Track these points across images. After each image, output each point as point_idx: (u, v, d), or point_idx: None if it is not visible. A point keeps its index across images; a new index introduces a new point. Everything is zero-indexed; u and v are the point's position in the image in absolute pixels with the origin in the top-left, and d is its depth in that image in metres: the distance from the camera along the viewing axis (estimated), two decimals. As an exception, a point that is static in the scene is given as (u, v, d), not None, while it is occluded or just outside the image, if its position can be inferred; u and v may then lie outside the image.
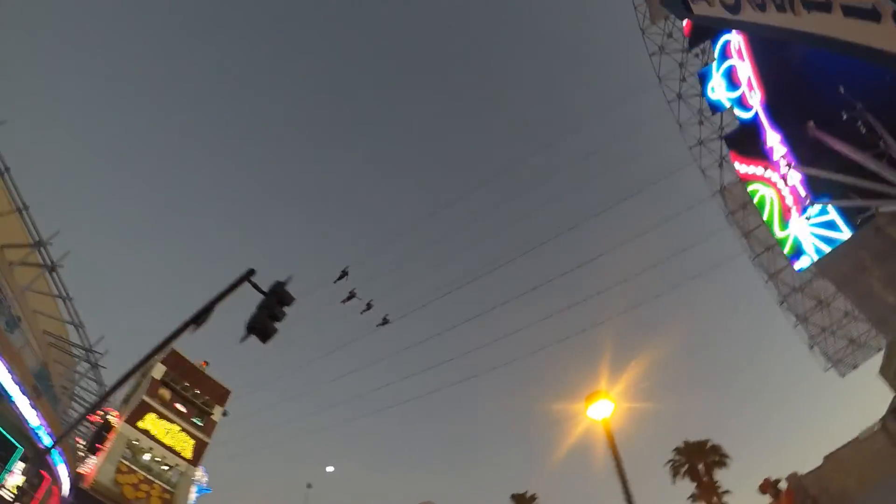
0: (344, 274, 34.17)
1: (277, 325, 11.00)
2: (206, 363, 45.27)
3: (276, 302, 10.83)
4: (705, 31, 22.72)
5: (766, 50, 22.25)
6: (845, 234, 23.70)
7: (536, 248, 32.25)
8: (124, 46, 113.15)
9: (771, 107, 23.35)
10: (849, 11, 7.82)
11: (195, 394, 42.00)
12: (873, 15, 7.34)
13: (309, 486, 45.66)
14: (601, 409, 8.65)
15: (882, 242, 24.75)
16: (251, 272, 11.05)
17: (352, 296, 33.70)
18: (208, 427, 41.98)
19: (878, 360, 27.02)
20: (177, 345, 43.11)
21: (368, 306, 33.76)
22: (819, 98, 22.06)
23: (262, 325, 10.62)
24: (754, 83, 23.26)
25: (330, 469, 60.82)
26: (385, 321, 33.81)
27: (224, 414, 43.55)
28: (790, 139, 22.92)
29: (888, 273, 24.73)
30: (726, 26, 12.43)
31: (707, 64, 24.20)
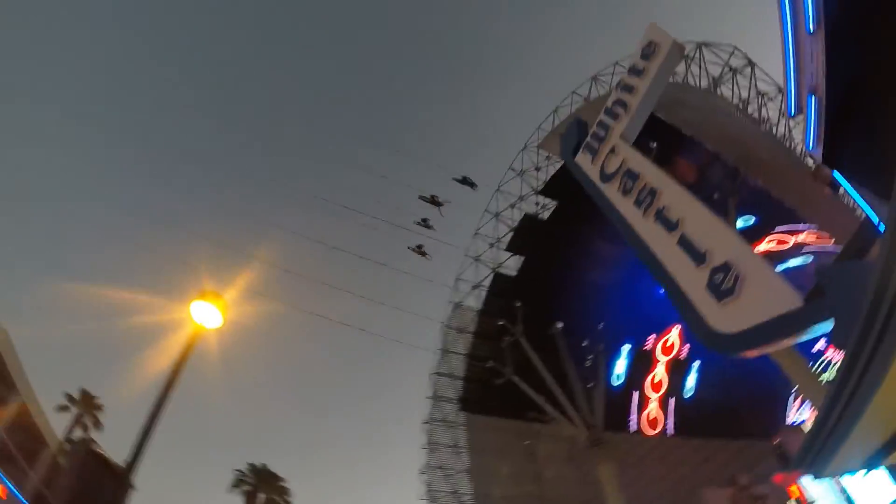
0: (467, 182, 27.62)
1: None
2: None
3: None
4: (561, 192, 23.45)
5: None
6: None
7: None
8: None
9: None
10: (683, 242, 7.77)
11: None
12: (699, 258, 7.30)
13: None
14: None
15: (531, 447, 26.86)
16: None
17: (436, 203, 27.92)
18: None
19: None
20: None
21: (424, 223, 28.17)
22: (577, 317, 24.74)
23: None
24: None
25: None
26: (421, 252, 28.43)
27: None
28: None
29: (516, 471, 26.93)
30: (591, 190, 12.52)
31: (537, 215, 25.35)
